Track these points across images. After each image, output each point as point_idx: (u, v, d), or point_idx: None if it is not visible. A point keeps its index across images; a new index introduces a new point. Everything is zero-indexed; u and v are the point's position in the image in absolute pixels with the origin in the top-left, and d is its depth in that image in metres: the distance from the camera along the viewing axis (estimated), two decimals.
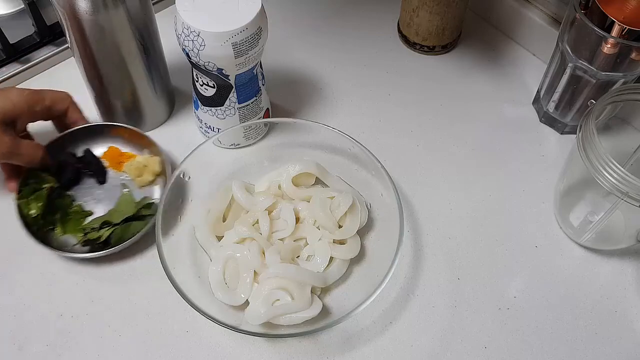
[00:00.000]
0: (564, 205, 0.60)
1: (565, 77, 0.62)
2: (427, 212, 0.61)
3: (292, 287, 0.52)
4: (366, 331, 0.53)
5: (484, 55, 0.74)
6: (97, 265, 0.56)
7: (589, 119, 0.50)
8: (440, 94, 0.71)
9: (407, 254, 0.58)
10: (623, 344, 0.53)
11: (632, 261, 0.58)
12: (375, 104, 0.69)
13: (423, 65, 0.73)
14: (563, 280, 0.57)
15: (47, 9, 0.70)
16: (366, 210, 0.58)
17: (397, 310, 0.54)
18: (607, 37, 0.55)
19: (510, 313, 0.54)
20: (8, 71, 0.68)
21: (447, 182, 0.63)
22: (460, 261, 0.57)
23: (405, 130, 0.67)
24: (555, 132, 0.67)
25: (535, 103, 0.69)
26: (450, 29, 0.71)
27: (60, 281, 0.55)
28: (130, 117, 0.64)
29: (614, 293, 0.56)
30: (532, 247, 0.59)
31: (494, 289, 0.56)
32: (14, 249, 0.56)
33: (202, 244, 0.56)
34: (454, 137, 0.67)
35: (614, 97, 0.53)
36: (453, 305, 0.55)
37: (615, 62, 0.57)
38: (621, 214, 0.57)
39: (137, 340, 0.52)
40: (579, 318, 0.54)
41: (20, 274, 0.56)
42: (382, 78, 0.72)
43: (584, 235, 0.58)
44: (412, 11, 0.70)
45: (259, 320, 0.50)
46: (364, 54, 0.74)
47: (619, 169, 0.48)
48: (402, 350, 0.52)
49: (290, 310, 0.51)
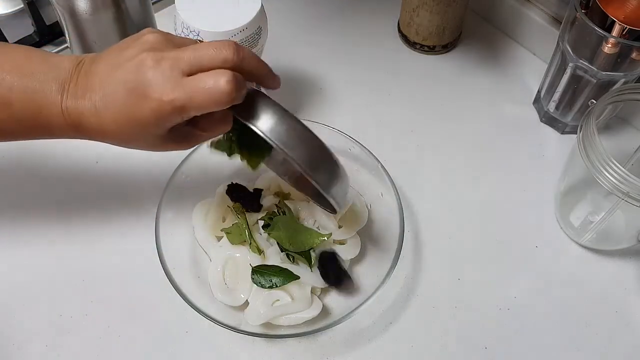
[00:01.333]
0: (565, 205, 0.60)
1: (565, 76, 0.62)
2: (427, 212, 0.60)
3: (292, 287, 0.52)
4: (366, 331, 0.53)
5: (485, 55, 0.74)
6: (97, 265, 0.56)
7: (589, 118, 0.50)
8: (440, 93, 0.70)
9: (407, 254, 0.57)
10: (623, 344, 0.53)
11: (632, 261, 0.58)
12: (375, 104, 0.69)
13: (423, 65, 0.73)
14: (563, 280, 0.57)
15: (47, 8, 0.70)
16: (366, 210, 0.58)
17: (397, 310, 0.54)
18: (607, 36, 0.55)
19: (511, 313, 0.54)
20: None
21: (447, 181, 0.63)
22: (460, 261, 0.57)
23: (405, 130, 0.67)
24: (555, 132, 0.67)
25: (535, 103, 0.69)
26: (451, 29, 0.71)
27: (60, 281, 0.55)
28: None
29: (614, 293, 0.56)
30: (533, 247, 0.59)
31: (495, 289, 0.56)
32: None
33: (202, 244, 0.56)
34: (454, 136, 0.66)
35: (615, 97, 0.53)
36: (453, 305, 0.55)
37: (615, 62, 0.57)
38: (622, 214, 0.57)
39: (137, 341, 0.52)
40: (580, 318, 0.54)
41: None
42: (382, 78, 0.72)
43: (585, 236, 0.57)
44: (412, 11, 0.70)
45: (258, 320, 0.50)
46: (364, 54, 0.74)
47: (619, 169, 0.48)
48: (402, 350, 0.52)
49: (290, 310, 0.51)
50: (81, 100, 0.41)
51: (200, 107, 0.39)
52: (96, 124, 0.42)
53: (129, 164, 0.63)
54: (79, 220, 0.59)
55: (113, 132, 0.42)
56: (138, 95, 0.39)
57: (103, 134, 0.43)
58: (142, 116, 0.40)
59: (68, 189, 0.61)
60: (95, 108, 0.41)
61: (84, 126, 0.42)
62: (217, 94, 0.38)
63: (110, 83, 0.40)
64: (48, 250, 0.57)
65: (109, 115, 0.41)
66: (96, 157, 0.63)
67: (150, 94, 0.39)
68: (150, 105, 0.39)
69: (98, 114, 0.41)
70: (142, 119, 0.40)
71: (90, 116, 0.41)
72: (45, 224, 0.59)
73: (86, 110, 0.41)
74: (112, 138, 0.43)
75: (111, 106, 0.40)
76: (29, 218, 0.59)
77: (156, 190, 0.56)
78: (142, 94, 0.39)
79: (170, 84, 0.38)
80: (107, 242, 0.58)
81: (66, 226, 0.59)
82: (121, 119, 0.40)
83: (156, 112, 0.39)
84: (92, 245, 0.57)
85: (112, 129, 0.41)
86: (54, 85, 0.42)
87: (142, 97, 0.39)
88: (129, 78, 0.39)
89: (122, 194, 0.61)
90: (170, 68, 0.39)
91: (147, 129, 0.41)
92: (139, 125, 0.40)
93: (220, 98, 0.38)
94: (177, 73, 0.39)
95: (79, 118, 0.42)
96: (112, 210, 0.60)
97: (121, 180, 0.62)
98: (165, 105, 0.39)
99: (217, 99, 0.38)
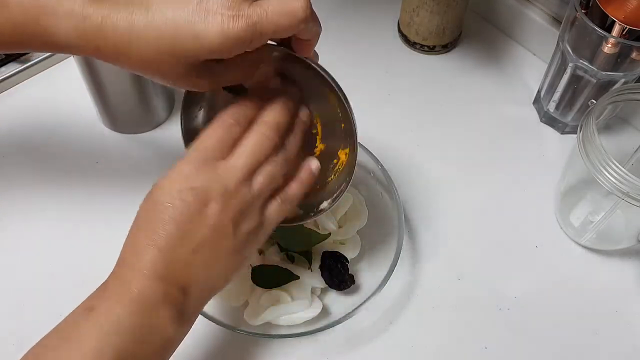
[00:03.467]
0: (565, 205, 0.60)
1: (565, 76, 0.62)
2: (427, 212, 0.60)
3: (292, 287, 0.52)
4: (366, 331, 0.53)
5: (485, 55, 0.74)
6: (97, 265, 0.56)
7: (589, 118, 0.50)
8: (440, 93, 0.70)
9: (407, 254, 0.57)
10: (623, 344, 0.53)
11: (632, 261, 0.58)
12: (375, 104, 0.69)
13: (423, 65, 0.73)
14: (563, 280, 0.57)
15: None
16: (366, 210, 0.58)
17: (397, 310, 0.54)
18: (607, 36, 0.55)
19: (511, 313, 0.54)
20: (7, 71, 0.68)
21: (447, 182, 0.63)
22: (460, 261, 0.57)
23: (405, 130, 0.67)
24: (555, 132, 0.67)
25: (535, 103, 0.69)
26: (451, 29, 0.71)
27: (60, 281, 0.55)
28: (129, 116, 0.63)
29: (614, 293, 0.56)
30: (533, 247, 0.59)
31: (495, 289, 0.56)
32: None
33: None
34: (454, 136, 0.66)
35: (615, 97, 0.53)
36: (453, 305, 0.55)
37: (615, 62, 0.57)
38: (622, 214, 0.56)
39: None
40: (580, 318, 0.54)
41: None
42: (382, 78, 0.72)
43: (585, 235, 0.57)
44: (412, 11, 0.70)
45: (258, 320, 0.50)
46: (363, 54, 0.74)
47: (619, 168, 0.48)
48: (402, 350, 0.52)
49: (290, 310, 0.51)
50: (118, 6, 0.35)
51: (277, 25, 0.36)
52: (127, 39, 0.35)
53: (129, 164, 0.63)
54: (79, 221, 0.59)
55: (146, 53, 0.35)
56: (208, 8, 0.34)
57: (130, 53, 0.36)
58: (206, 32, 0.34)
59: (68, 189, 0.61)
60: (139, 18, 0.35)
61: (109, 38, 0.35)
62: (294, 9, 0.36)
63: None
64: (48, 250, 0.57)
65: (154, 28, 0.34)
66: (96, 157, 0.63)
67: (223, 10, 0.34)
68: (220, 21, 0.34)
69: (135, 27, 0.35)
70: (204, 35, 0.34)
71: (124, 29, 0.35)
72: (45, 224, 0.59)
73: (122, 20, 0.35)
74: (137, 62, 0.37)
75: (163, 15, 0.34)
76: (29, 218, 0.59)
77: None
78: (215, 9, 0.34)
79: (248, 2, 0.35)
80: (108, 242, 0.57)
81: (66, 226, 0.59)
82: (169, 33, 0.34)
83: (225, 30, 0.34)
84: (92, 245, 0.57)
85: (148, 48, 0.35)
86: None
87: (213, 11, 0.34)
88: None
89: (122, 194, 0.61)
90: None
91: (198, 51, 0.35)
92: (193, 44, 0.35)
93: (297, 13, 0.36)
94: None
95: (100, 26, 0.35)
96: (112, 210, 0.60)
97: (121, 180, 0.62)
98: (239, 22, 0.34)
99: (294, 13, 0.36)
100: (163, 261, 0.37)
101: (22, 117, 0.66)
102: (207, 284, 0.40)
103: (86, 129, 0.65)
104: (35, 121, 0.66)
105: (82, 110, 0.63)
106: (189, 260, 0.38)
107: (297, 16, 0.36)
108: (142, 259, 0.37)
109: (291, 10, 0.36)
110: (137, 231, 0.38)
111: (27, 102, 0.68)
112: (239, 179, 0.39)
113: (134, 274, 0.37)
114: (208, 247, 0.38)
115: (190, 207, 0.37)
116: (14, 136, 0.65)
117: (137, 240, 0.38)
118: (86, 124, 0.66)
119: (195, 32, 0.34)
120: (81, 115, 0.66)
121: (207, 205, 0.38)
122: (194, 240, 0.37)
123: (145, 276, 0.37)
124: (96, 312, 0.36)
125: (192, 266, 0.38)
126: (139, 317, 0.36)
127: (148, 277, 0.37)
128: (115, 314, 0.36)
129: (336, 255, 0.53)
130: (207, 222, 0.38)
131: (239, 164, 0.39)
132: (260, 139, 0.40)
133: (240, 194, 0.39)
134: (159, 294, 0.37)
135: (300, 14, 0.36)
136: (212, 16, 0.34)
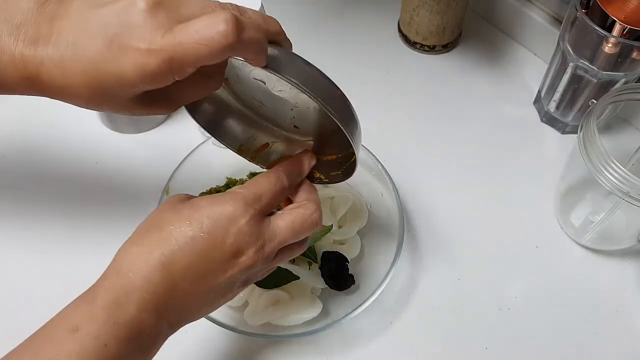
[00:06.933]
0: (565, 205, 0.60)
1: (566, 76, 0.62)
2: (427, 212, 0.60)
3: (292, 287, 0.52)
4: (366, 331, 0.53)
5: (485, 55, 0.74)
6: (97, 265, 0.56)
7: (590, 118, 0.50)
8: (440, 93, 0.70)
9: (407, 254, 0.57)
10: (624, 344, 0.53)
11: (633, 261, 0.58)
12: (375, 104, 0.69)
13: (423, 64, 0.73)
14: (564, 280, 0.57)
15: None
16: (366, 210, 0.58)
17: (397, 310, 0.54)
18: (608, 36, 0.55)
19: (511, 313, 0.54)
20: None
21: (447, 182, 0.63)
22: (460, 261, 0.57)
23: (405, 130, 0.67)
24: (556, 132, 0.67)
25: (536, 103, 0.69)
26: (451, 28, 0.71)
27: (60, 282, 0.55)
28: (129, 116, 0.63)
29: (614, 293, 0.56)
30: (533, 247, 0.58)
31: (495, 289, 0.56)
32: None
33: None
34: (454, 136, 0.66)
35: (615, 96, 0.53)
36: (453, 305, 0.55)
37: (616, 62, 0.57)
38: (622, 214, 0.56)
39: None
40: (580, 318, 0.54)
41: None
42: (382, 77, 0.72)
43: (585, 236, 0.57)
44: (412, 10, 0.70)
45: (258, 320, 0.50)
46: (364, 54, 0.74)
47: (620, 168, 0.48)
48: (402, 350, 0.52)
49: (290, 310, 0.51)
50: (42, 48, 0.34)
51: (197, 55, 0.32)
52: (59, 77, 0.34)
53: (129, 164, 0.63)
54: (79, 221, 0.59)
55: (78, 88, 0.34)
56: (121, 44, 0.32)
57: (66, 91, 0.35)
58: (121, 70, 0.32)
59: (68, 189, 0.61)
60: (60, 57, 0.33)
61: (43, 79, 0.35)
62: (211, 36, 0.31)
63: (85, 27, 0.33)
64: (48, 250, 0.57)
65: (78, 67, 0.33)
66: (96, 157, 0.63)
67: (135, 44, 0.32)
68: (133, 57, 0.32)
69: (63, 65, 0.34)
70: (121, 74, 0.33)
71: (52, 67, 0.34)
72: (45, 225, 0.59)
73: (48, 59, 0.34)
74: (76, 97, 0.35)
75: (82, 55, 0.33)
76: (29, 219, 0.59)
77: (156, 190, 0.56)
78: (126, 43, 0.32)
79: (161, 32, 0.32)
80: (108, 242, 0.57)
81: (66, 227, 0.59)
82: (93, 73, 0.33)
83: (140, 67, 0.32)
84: (93, 245, 0.57)
85: (79, 84, 0.34)
86: (5, 27, 0.34)
87: (124, 46, 0.32)
88: (112, 22, 0.32)
89: (122, 194, 0.61)
90: (167, 14, 0.32)
91: (123, 87, 0.33)
92: (115, 81, 0.33)
93: (215, 40, 0.31)
94: (174, 20, 0.32)
95: (37, 69, 0.34)
96: (112, 210, 0.60)
97: (121, 180, 0.62)
98: (152, 57, 0.32)
99: (212, 41, 0.31)
100: (167, 292, 0.36)
101: (22, 117, 0.66)
102: (191, 319, 0.40)
103: (86, 129, 0.65)
104: (35, 121, 0.66)
105: (81, 109, 0.63)
106: (190, 299, 0.37)
107: (218, 44, 0.31)
108: (149, 280, 0.35)
109: (209, 38, 0.31)
110: (150, 247, 0.37)
111: (27, 102, 0.67)
112: (274, 248, 0.39)
113: (129, 298, 0.35)
114: (214, 292, 0.38)
115: (224, 250, 0.37)
116: (14, 136, 0.65)
117: (145, 256, 0.36)
118: (86, 123, 0.66)
119: (112, 71, 0.33)
120: (81, 115, 0.66)
121: (238, 257, 0.37)
122: (207, 283, 0.37)
123: (142, 308, 0.35)
124: (81, 335, 0.34)
125: (190, 306, 0.38)
126: (125, 346, 0.34)
127: (146, 309, 0.35)
128: (103, 342, 0.34)
129: (336, 255, 0.53)
130: (228, 272, 0.37)
131: (279, 234, 0.39)
132: (305, 217, 0.40)
133: (267, 259, 0.39)
134: (152, 327, 0.36)
135: (220, 41, 0.31)
136: (125, 53, 0.32)
